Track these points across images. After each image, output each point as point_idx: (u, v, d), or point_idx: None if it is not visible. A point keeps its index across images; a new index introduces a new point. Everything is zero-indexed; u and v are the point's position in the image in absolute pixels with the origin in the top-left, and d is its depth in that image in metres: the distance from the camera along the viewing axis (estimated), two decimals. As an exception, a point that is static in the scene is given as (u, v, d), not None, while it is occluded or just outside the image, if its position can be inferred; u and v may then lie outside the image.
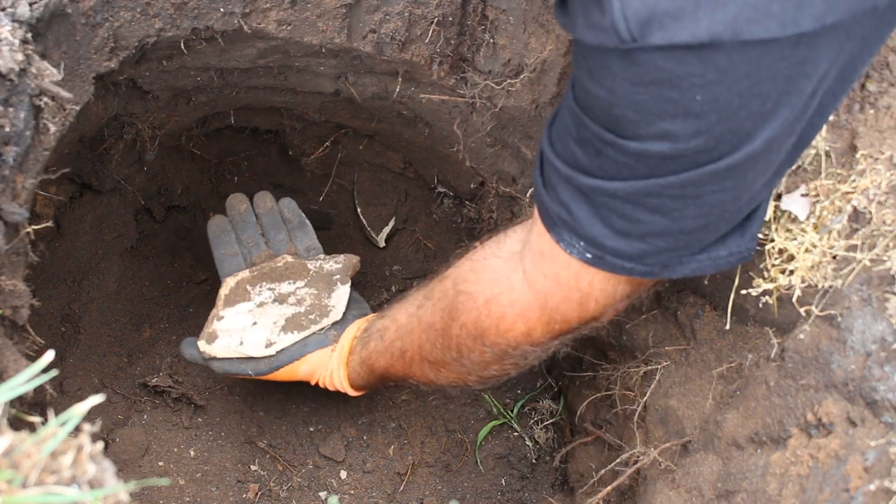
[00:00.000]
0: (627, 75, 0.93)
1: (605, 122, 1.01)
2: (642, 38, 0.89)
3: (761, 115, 0.94)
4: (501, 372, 1.40)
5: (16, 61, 1.12)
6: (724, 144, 0.96)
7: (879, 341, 1.04)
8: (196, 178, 2.10)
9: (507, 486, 1.97)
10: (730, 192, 1.02)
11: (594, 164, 1.06)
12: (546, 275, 1.22)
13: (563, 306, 1.23)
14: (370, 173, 2.16)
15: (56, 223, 1.80)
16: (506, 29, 1.59)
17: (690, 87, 0.91)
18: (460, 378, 1.45)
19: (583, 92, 1.03)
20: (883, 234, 1.07)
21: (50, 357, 0.75)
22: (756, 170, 1.01)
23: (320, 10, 1.51)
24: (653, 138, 0.97)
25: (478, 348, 1.35)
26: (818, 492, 1.05)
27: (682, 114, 0.94)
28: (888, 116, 1.13)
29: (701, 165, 0.98)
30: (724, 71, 0.89)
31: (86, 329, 1.92)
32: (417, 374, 1.50)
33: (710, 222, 1.07)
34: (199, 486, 1.86)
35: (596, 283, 1.19)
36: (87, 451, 0.71)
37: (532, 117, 1.69)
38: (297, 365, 1.70)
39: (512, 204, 1.90)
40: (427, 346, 1.45)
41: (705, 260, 1.12)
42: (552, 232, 1.17)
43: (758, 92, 0.92)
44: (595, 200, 1.08)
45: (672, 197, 1.02)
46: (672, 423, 1.43)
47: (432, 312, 1.43)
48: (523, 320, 1.28)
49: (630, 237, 1.09)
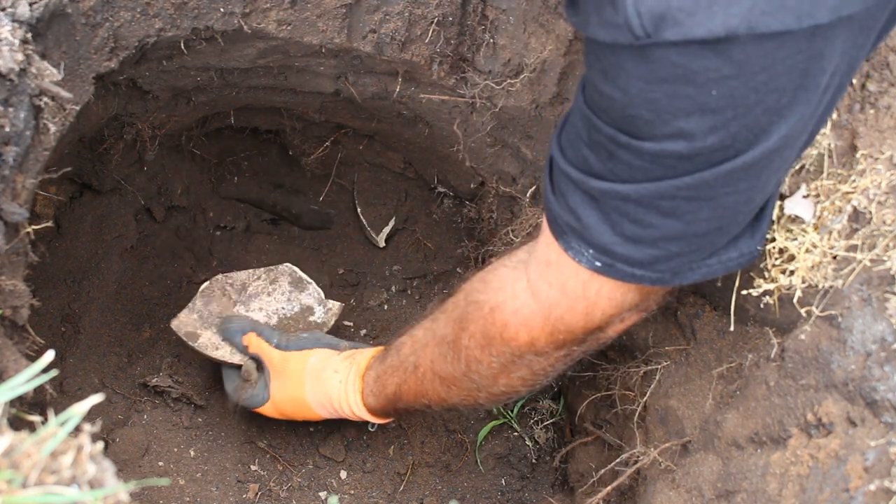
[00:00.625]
0: (642, 73, 0.93)
1: (619, 123, 1.00)
2: (656, 34, 0.88)
3: (777, 111, 0.94)
4: (510, 389, 1.38)
5: (16, 61, 1.12)
6: (741, 142, 0.95)
7: (879, 341, 1.04)
8: (196, 178, 2.10)
9: (507, 486, 1.97)
10: (744, 193, 1.01)
11: (606, 167, 1.04)
12: (552, 284, 1.21)
13: (567, 316, 1.22)
14: (370, 173, 2.16)
15: (56, 223, 1.80)
16: (506, 29, 1.59)
17: (706, 83, 0.90)
18: (470, 395, 1.43)
19: (595, 94, 1.02)
20: (883, 234, 1.07)
21: (50, 357, 0.75)
22: (770, 169, 1.00)
23: (320, 10, 1.51)
24: (668, 137, 0.96)
25: (485, 358, 1.35)
26: (818, 492, 1.05)
27: (697, 110, 0.93)
28: (888, 116, 1.13)
29: (717, 164, 0.97)
30: (740, 65, 0.89)
31: (86, 329, 1.92)
32: (430, 392, 1.48)
33: (722, 225, 1.06)
34: (199, 486, 1.86)
35: (604, 292, 1.17)
36: (87, 451, 0.70)
37: (532, 117, 1.69)
38: (307, 353, 1.73)
39: (512, 204, 1.90)
40: (439, 361, 1.43)
41: (715, 264, 1.11)
42: (560, 240, 1.15)
43: (774, 86, 0.91)
44: (606, 205, 1.07)
45: (687, 199, 1.01)
46: (672, 423, 1.43)
47: (445, 324, 1.42)
48: (526, 329, 1.27)
49: (641, 243, 1.08)
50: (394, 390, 1.56)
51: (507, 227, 1.87)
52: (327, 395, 1.68)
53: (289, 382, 1.75)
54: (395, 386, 1.55)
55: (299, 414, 1.78)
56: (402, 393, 1.54)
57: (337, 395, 1.67)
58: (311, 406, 1.73)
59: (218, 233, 2.15)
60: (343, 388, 1.66)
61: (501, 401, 1.44)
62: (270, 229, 2.19)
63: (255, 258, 2.14)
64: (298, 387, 1.72)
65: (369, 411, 1.65)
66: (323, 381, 1.70)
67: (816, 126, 1.03)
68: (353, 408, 1.65)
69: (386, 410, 1.63)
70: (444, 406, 1.50)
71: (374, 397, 1.61)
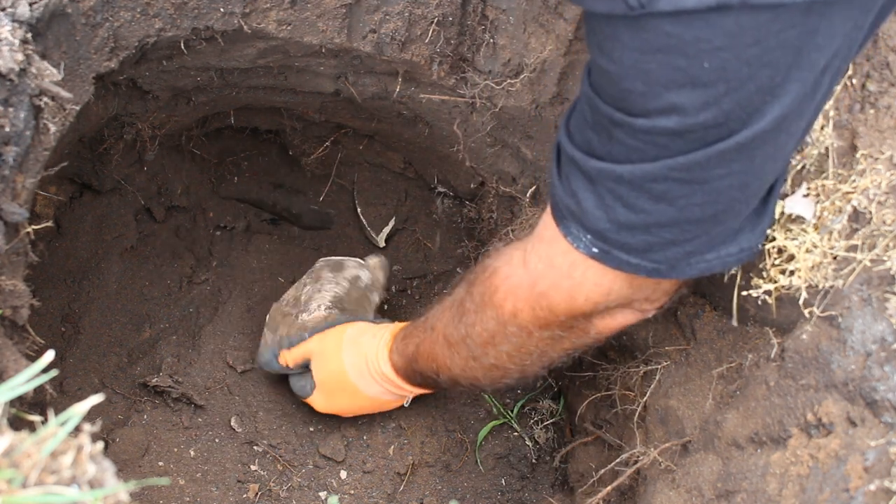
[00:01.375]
0: (636, 44, 0.93)
1: (615, 100, 1.00)
2: (650, 3, 0.89)
3: (770, 89, 0.93)
4: (499, 363, 1.40)
5: (16, 61, 1.12)
6: (733, 120, 0.95)
7: (879, 341, 1.03)
8: (196, 178, 2.10)
9: (507, 486, 1.97)
10: (738, 176, 1.01)
11: (606, 149, 1.05)
12: (541, 257, 1.23)
13: (551, 292, 1.23)
14: (370, 173, 2.16)
15: (56, 223, 1.80)
16: (506, 29, 1.59)
17: (698, 54, 0.90)
18: (468, 365, 1.45)
19: (596, 72, 1.02)
20: (883, 234, 1.07)
21: (50, 357, 0.75)
22: (765, 152, 1.00)
23: (320, 10, 1.51)
24: (661, 113, 0.96)
25: (478, 322, 1.37)
26: (818, 492, 1.05)
27: (689, 83, 0.93)
28: (888, 116, 1.13)
29: (710, 144, 0.97)
30: (733, 36, 0.89)
31: (86, 329, 1.92)
32: (438, 354, 1.51)
33: (717, 212, 1.05)
34: (199, 486, 1.86)
35: (589, 275, 1.18)
36: (87, 451, 0.71)
37: (532, 117, 1.69)
38: (344, 325, 1.78)
39: (512, 204, 1.90)
40: (448, 322, 1.47)
41: (714, 259, 1.11)
42: (561, 226, 1.17)
43: (767, 61, 0.91)
44: (601, 186, 1.07)
45: (679, 181, 1.01)
46: (672, 423, 1.43)
47: (460, 288, 1.47)
48: (512, 297, 1.29)
49: (635, 229, 1.08)
50: (413, 349, 1.59)
51: (507, 227, 1.87)
52: (363, 356, 1.71)
53: (327, 357, 1.77)
54: (414, 345, 1.58)
55: (342, 392, 1.78)
56: (419, 353, 1.57)
57: (370, 354, 1.69)
58: (350, 377, 1.74)
59: (218, 233, 2.15)
60: (376, 344, 1.69)
61: (496, 379, 1.46)
62: (270, 229, 2.19)
63: (255, 258, 2.14)
64: (336, 358, 1.75)
65: (395, 370, 1.67)
66: (360, 345, 1.73)
67: (814, 112, 1.02)
68: (382, 366, 1.68)
69: (407, 372, 1.65)
70: (449, 376, 1.52)
71: (399, 355, 1.64)
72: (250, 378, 2.00)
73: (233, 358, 2.00)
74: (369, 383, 1.73)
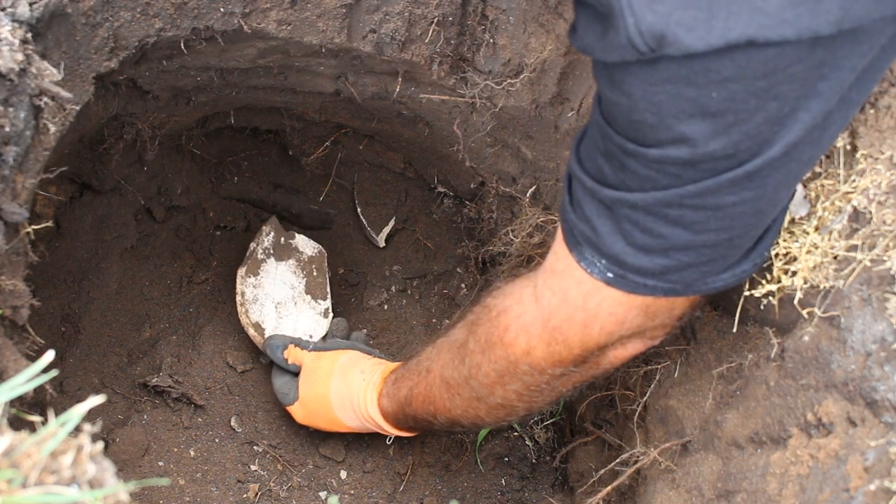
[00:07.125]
0: (645, 75, 0.94)
1: (626, 130, 1.01)
2: (659, 49, 0.90)
3: (779, 120, 0.94)
4: (506, 402, 1.39)
5: (16, 61, 1.12)
6: (743, 151, 0.96)
7: (879, 341, 1.03)
8: (196, 178, 2.10)
9: (507, 486, 1.97)
10: (750, 203, 1.02)
11: (618, 177, 1.06)
12: (554, 291, 1.21)
13: (565, 325, 1.22)
14: (370, 173, 2.16)
15: (56, 223, 1.80)
16: (506, 29, 1.59)
17: (707, 84, 0.92)
18: (471, 406, 1.44)
19: (606, 103, 1.04)
20: (883, 234, 1.07)
21: (50, 357, 0.75)
22: (776, 179, 1.01)
23: (320, 10, 1.51)
24: (671, 143, 0.97)
25: (485, 364, 1.35)
26: (818, 492, 1.05)
27: (698, 113, 0.94)
28: (888, 116, 1.13)
29: (720, 173, 0.98)
30: (742, 68, 0.90)
31: (86, 329, 1.92)
32: (436, 398, 1.49)
33: (732, 237, 1.06)
34: (199, 486, 1.86)
35: (604, 306, 1.17)
36: (87, 451, 0.70)
37: (532, 117, 1.69)
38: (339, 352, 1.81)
39: (512, 204, 1.90)
40: (447, 365, 1.45)
41: (729, 277, 1.12)
42: (574, 251, 1.16)
43: (775, 94, 0.92)
44: (617, 214, 1.08)
45: (692, 207, 1.02)
46: (672, 423, 1.43)
47: (460, 330, 1.44)
48: (525, 335, 1.27)
49: (652, 253, 1.08)
50: (406, 394, 1.57)
51: (507, 227, 1.87)
52: (349, 392, 1.71)
53: (316, 379, 1.78)
54: (407, 389, 1.56)
55: (322, 415, 1.79)
56: (413, 397, 1.55)
57: (357, 393, 1.69)
58: (333, 405, 1.74)
59: (218, 233, 2.15)
60: (364, 386, 1.68)
61: (501, 418, 1.44)
62: (270, 229, 2.19)
63: (255, 258, 2.14)
64: (324, 383, 1.76)
65: (383, 414, 1.66)
66: (348, 378, 1.72)
67: (829, 140, 1.02)
68: (368, 408, 1.67)
69: (397, 416, 1.63)
70: (448, 418, 1.50)
71: (389, 399, 1.62)
72: (250, 378, 2.01)
73: (233, 358, 2.00)
74: (350, 417, 1.74)
